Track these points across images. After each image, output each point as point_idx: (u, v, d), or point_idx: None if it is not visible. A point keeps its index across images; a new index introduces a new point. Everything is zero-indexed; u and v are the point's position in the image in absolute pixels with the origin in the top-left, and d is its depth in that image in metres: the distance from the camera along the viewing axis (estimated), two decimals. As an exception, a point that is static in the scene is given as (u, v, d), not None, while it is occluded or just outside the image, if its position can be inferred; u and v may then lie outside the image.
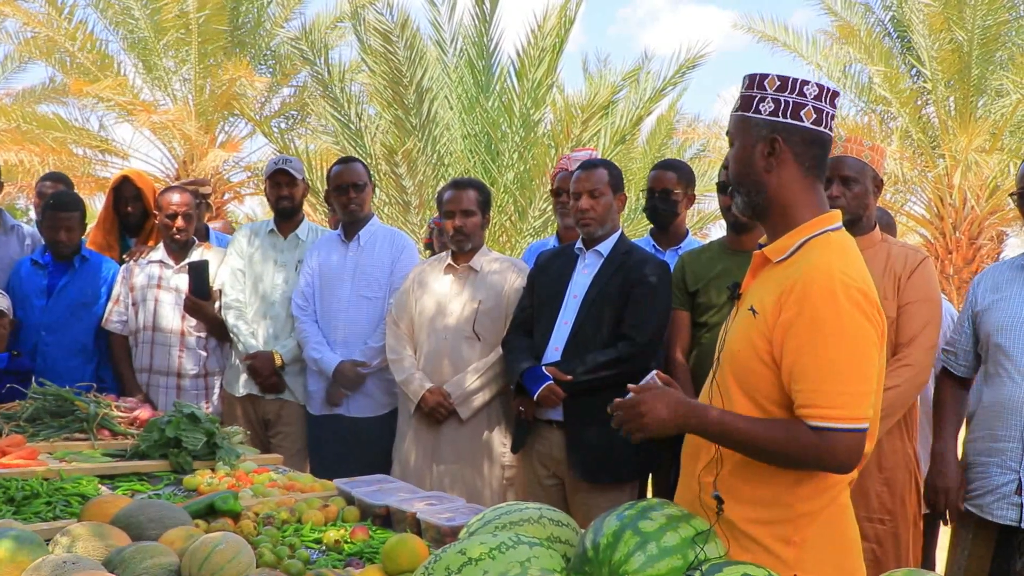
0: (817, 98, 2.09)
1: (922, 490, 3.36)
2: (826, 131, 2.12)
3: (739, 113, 2.15)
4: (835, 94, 2.14)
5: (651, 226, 4.53)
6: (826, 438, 1.95)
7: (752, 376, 2.06)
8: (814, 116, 2.09)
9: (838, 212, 2.14)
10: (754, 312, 2.07)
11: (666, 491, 3.81)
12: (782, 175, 2.10)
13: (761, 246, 2.18)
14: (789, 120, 2.08)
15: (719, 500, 2.01)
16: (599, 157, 4.58)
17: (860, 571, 2.16)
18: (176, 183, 6.21)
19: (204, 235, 5.35)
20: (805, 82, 2.09)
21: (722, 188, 3.80)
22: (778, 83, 2.09)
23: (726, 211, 3.80)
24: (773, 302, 2.03)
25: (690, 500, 2.14)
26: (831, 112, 2.12)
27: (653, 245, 4.45)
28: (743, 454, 2.06)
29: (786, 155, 2.09)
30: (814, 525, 2.07)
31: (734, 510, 2.04)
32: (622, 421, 2.11)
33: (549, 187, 4.67)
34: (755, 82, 2.12)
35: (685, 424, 2.08)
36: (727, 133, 2.19)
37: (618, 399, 2.13)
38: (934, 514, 3.35)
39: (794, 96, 2.08)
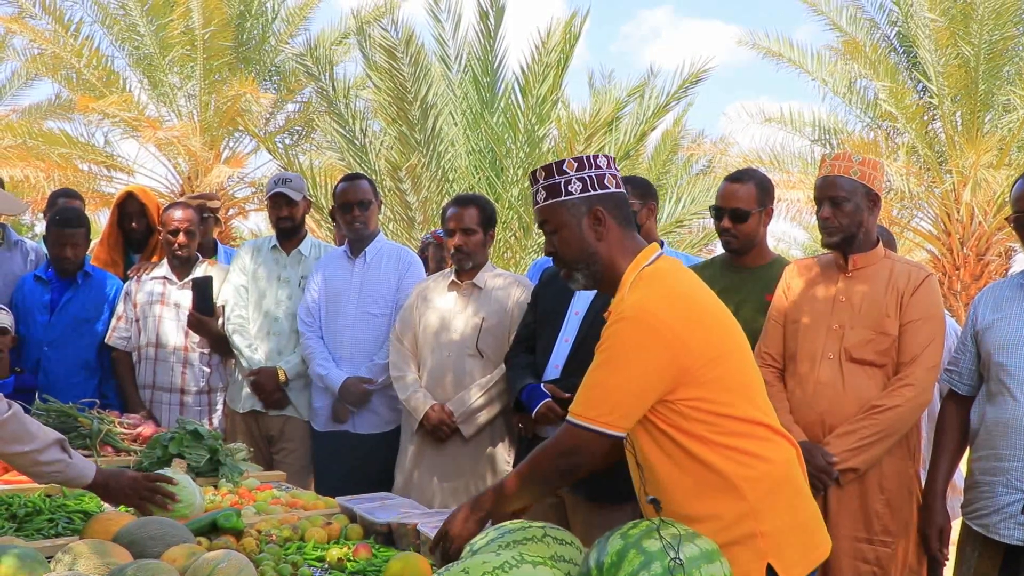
0: (608, 166, 2.35)
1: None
2: (624, 191, 2.38)
3: (551, 202, 2.32)
4: (612, 159, 2.40)
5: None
6: (571, 432, 2.23)
7: None
8: (615, 181, 2.34)
9: (654, 245, 2.36)
10: None
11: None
12: (609, 239, 2.32)
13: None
14: (600, 191, 2.31)
15: (656, 503, 2.10)
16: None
17: (825, 543, 2.37)
18: (182, 198, 6.21)
19: (213, 249, 5.35)
20: (596, 156, 2.34)
21: (717, 214, 3.74)
22: (576, 164, 2.31)
23: (722, 233, 3.74)
24: None
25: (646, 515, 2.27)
26: (618, 173, 2.38)
27: None
28: (538, 488, 2.38)
29: (608, 221, 2.31)
30: (771, 515, 2.21)
31: (701, 528, 2.11)
32: (445, 552, 2.31)
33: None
34: (553, 170, 2.32)
35: (482, 506, 2.35)
36: (543, 223, 2.36)
37: (430, 545, 2.39)
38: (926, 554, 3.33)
39: (594, 171, 2.31)
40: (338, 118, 12.42)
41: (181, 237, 4.82)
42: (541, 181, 2.35)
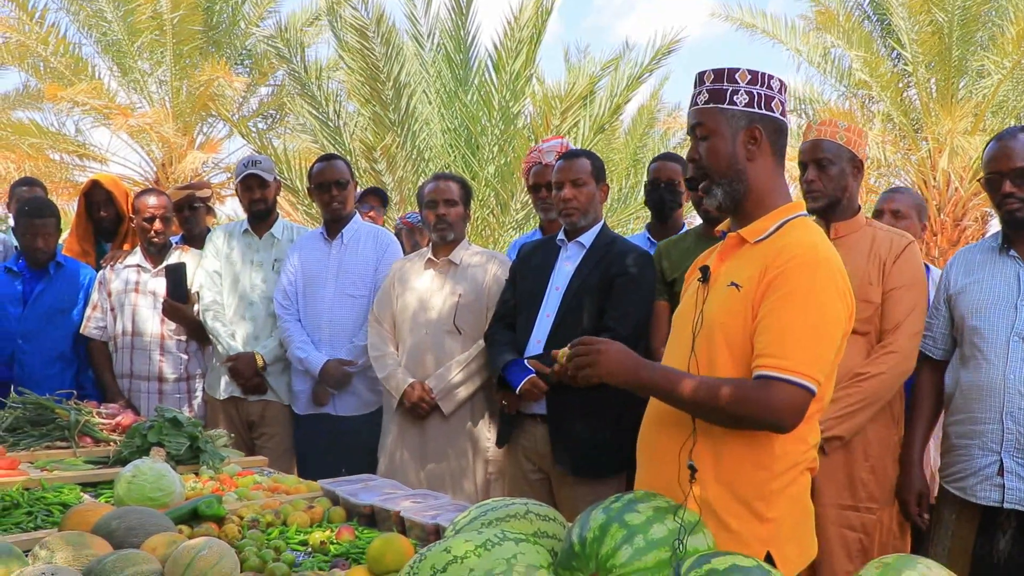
0: (780, 91, 2.25)
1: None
2: (788, 121, 2.28)
3: (712, 105, 2.22)
4: (786, 86, 2.30)
5: (642, 218, 4.49)
6: (769, 388, 2.01)
7: (744, 346, 2.11)
8: (781, 108, 2.24)
9: (802, 201, 2.26)
10: (737, 287, 2.14)
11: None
12: (761, 164, 2.22)
13: (726, 231, 2.31)
14: (764, 111, 2.21)
15: (692, 469, 2.05)
16: (578, 147, 4.56)
17: (813, 542, 2.27)
18: (170, 188, 6.14)
19: (204, 239, 5.30)
20: (771, 76, 2.23)
21: (691, 184, 3.74)
22: (749, 77, 2.21)
23: (698, 204, 3.76)
24: (757, 276, 2.11)
25: (667, 480, 2.15)
26: (785, 103, 2.28)
27: (648, 238, 4.42)
28: (690, 412, 2.12)
29: (764, 144, 2.21)
30: (782, 501, 2.14)
31: (710, 490, 2.09)
32: (576, 357, 2.18)
33: (525, 184, 4.62)
34: (724, 76, 2.22)
35: (636, 375, 2.13)
36: (696, 126, 2.25)
37: (582, 338, 2.21)
38: (908, 521, 3.35)
39: (764, 89, 2.21)
40: (311, 100, 12.31)
41: (157, 224, 4.78)
42: (707, 83, 2.23)
